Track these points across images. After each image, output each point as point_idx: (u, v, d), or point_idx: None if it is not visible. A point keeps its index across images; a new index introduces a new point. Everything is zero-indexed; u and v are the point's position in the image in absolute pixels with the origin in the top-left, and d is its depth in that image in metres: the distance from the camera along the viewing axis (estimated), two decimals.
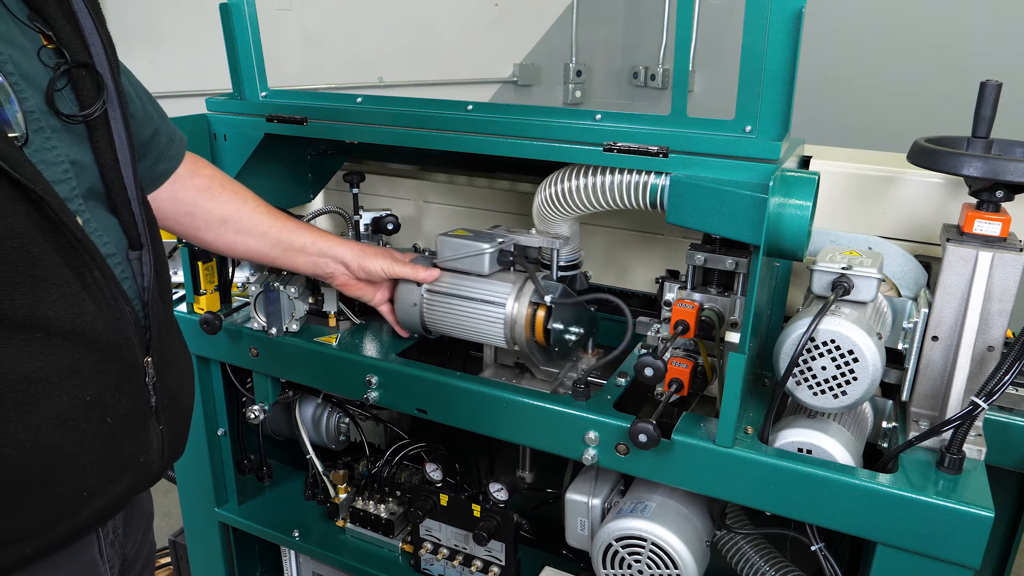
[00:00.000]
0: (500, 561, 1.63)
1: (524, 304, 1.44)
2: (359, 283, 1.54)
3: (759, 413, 1.30)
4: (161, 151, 1.30)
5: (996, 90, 1.23)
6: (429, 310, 1.51)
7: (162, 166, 1.32)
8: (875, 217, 1.46)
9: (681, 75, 1.27)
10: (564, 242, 1.52)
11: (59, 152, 0.92)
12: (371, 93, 1.58)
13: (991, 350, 1.21)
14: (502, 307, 1.44)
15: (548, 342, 1.44)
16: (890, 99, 3.45)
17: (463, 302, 1.48)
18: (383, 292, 1.58)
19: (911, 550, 1.12)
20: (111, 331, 0.95)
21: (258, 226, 1.44)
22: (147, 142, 1.26)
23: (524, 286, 1.45)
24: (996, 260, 1.18)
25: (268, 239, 1.46)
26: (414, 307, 1.52)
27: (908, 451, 1.20)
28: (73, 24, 0.96)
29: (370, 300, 1.58)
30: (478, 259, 1.47)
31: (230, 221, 1.43)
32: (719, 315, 1.37)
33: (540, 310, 1.44)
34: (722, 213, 1.19)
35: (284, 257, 1.48)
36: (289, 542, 1.86)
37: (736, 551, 1.42)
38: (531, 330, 1.44)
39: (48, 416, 0.89)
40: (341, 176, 1.83)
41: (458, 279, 1.49)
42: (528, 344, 1.45)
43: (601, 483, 1.48)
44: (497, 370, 1.60)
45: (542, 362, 1.51)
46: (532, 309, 1.44)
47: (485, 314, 1.46)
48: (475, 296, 1.47)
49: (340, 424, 1.89)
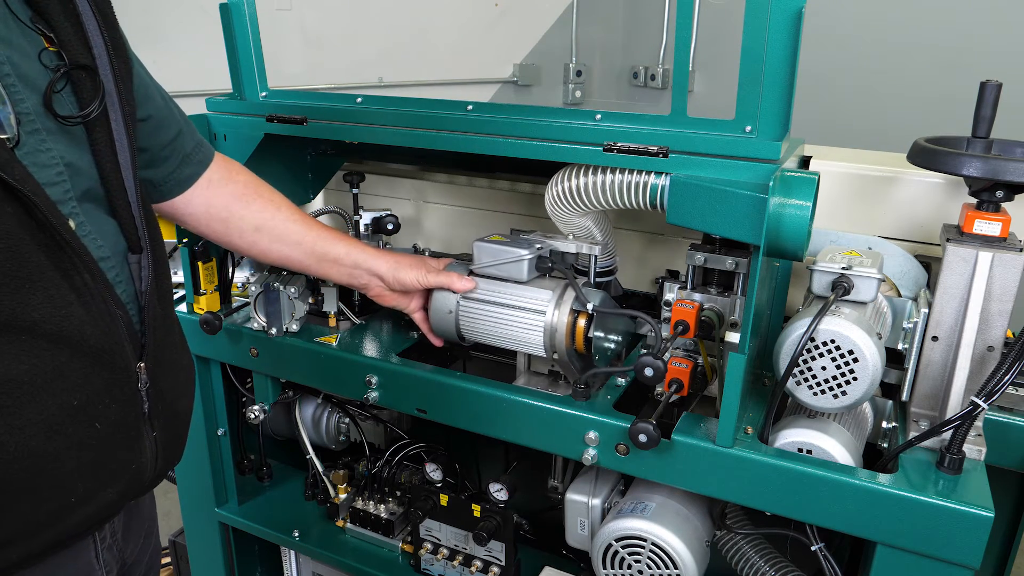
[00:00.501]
0: (500, 561, 1.63)
1: (565, 312, 1.40)
2: (394, 294, 1.52)
3: (759, 413, 1.30)
4: (187, 154, 1.30)
5: (996, 90, 1.23)
6: (465, 317, 1.48)
7: (188, 170, 1.32)
8: (875, 217, 1.46)
9: (681, 75, 1.27)
10: (602, 248, 1.49)
11: (54, 154, 0.91)
12: (371, 93, 1.58)
13: (991, 350, 1.21)
14: (542, 314, 1.40)
15: (588, 350, 1.41)
16: (890, 99, 3.45)
17: (501, 309, 1.44)
18: (417, 301, 1.55)
19: (911, 550, 1.12)
20: (100, 335, 0.94)
21: (292, 235, 1.44)
22: (170, 143, 1.26)
23: (565, 293, 1.41)
24: (996, 260, 1.18)
25: (302, 248, 1.45)
26: (449, 315, 1.48)
27: (908, 451, 1.20)
28: (76, 26, 0.96)
29: (405, 309, 1.56)
30: (517, 265, 1.44)
31: (264, 229, 1.42)
32: (719, 315, 1.37)
33: (581, 318, 1.40)
34: (722, 213, 1.18)
35: (319, 267, 1.48)
36: (289, 542, 1.86)
37: (736, 551, 1.42)
38: (571, 338, 1.41)
39: (32, 420, 0.88)
40: (341, 176, 1.83)
41: (496, 286, 1.46)
42: (568, 352, 1.41)
43: (601, 483, 1.48)
44: (531, 378, 1.57)
45: (580, 370, 1.45)
46: (573, 317, 1.40)
47: (524, 322, 1.42)
48: (514, 303, 1.43)
49: (340, 424, 1.89)
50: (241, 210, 1.40)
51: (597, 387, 1.41)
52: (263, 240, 1.43)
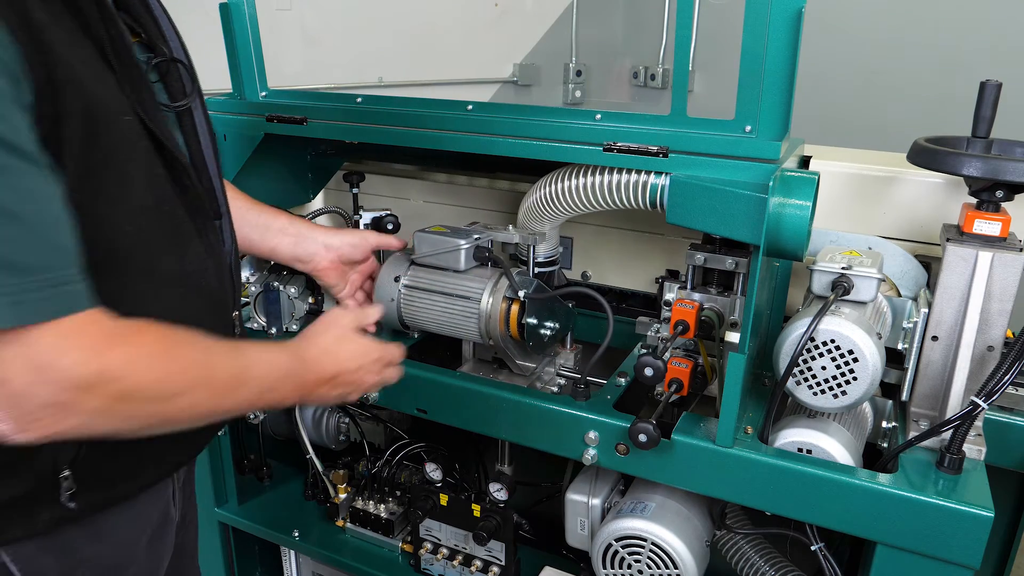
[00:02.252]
0: (500, 561, 1.63)
1: (498, 299, 1.45)
2: (339, 266, 1.54)
3: (759, 413, 1.30)
4: None
5: (996, 90, 1.23)
6: (406, 305, 1.52)
7: None
8: (875, 217, 1.46)
9: (681, 75, 1.27)
10: (541, 238, 1.53)
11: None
12: (371, 93, 1.58)
13: (991, 350, 1.21)
14: (476, 302, 1.45)
15: (523, 336, 1.45)
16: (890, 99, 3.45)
17: (440, 297, 1.49)
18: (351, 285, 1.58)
19: (911, 550, 1.12)
20: (220, 288, 1.08)
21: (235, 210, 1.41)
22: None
23: (498, 281, 1.46)
24: (996, 260, 1.18)
25: (247, 222, 1.45)
26: (391, 302, 1.53)
27: (908, 451, 1.20)
28: (153, 21, 1.03)
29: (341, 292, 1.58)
30: (454, 255, 1.48)
31: None
32: (719, 315, 1.37)
33: (514, 305, 1.45)
34: (722, 213, 1.19)
35: (264, 240, 1.47)
36: (289, 542, 1.86)
37: (736, 551, 1.43)
38: (505, 325, 1.45)
39: None
40: (341, 176, 1.83)
41: (434, 274, 1.51)
42: (503, 339, 1.46)
43: (601, 483, 1.48)
44: (476, 365, 1.60)
45: (518, 356, 1.51)
46: (506, 304, 1.45)
47: (460, 309, 1.47)
48: (450, 291, 1.48)
49: (340, 424, 1.88)
50: None
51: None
52: None
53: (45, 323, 0.75)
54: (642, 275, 1.75)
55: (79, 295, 0.79)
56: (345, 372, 1.16)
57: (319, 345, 1.15)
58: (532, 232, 1.53)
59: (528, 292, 1.44)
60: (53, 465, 0.91)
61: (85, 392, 0.78)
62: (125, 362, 0.81)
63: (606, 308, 1.41)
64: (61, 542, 0.98)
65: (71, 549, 0.99)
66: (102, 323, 0.81)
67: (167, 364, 0.86)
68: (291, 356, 1.08)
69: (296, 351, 1.10)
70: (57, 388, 0.77)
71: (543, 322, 1.47)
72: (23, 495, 0.92)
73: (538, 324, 1.46)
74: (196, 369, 0.90)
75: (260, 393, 1.00)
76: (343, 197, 2.03)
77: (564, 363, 1.61)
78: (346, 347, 1.17)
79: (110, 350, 0.80)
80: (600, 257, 1.79)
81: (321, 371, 1.12)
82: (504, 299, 1.45)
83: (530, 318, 1.44)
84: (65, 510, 0.94)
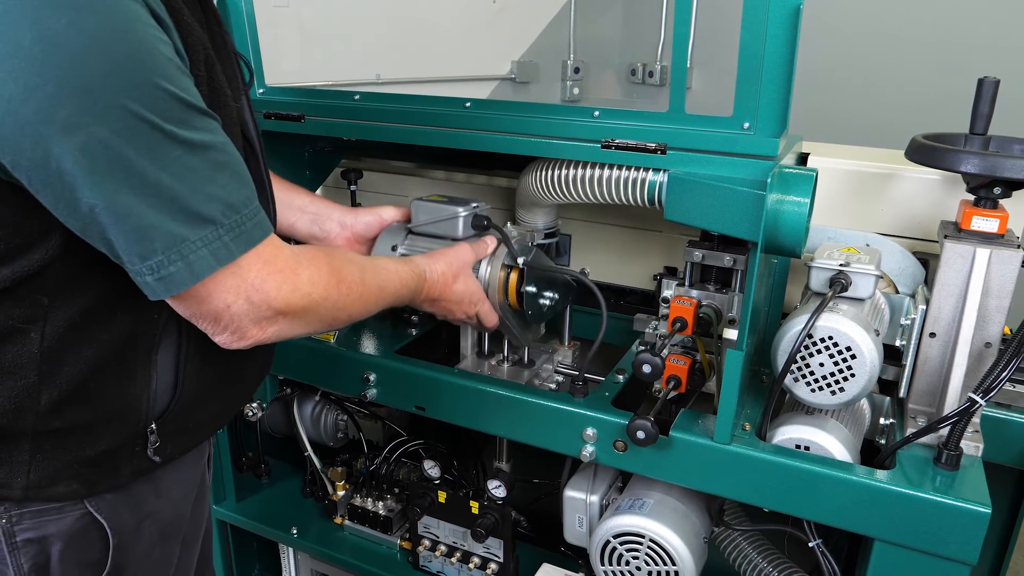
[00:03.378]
0: (498, 558, 1.63)
1: (497, 267, 1.44)
2: (354, 244, 1.57)
3: (757, 410, 1.31)
4: None
5: (994, 87, 1.24)
6: None
7: None
8: (873, 214, 1.46)
9: (679, 72, 1.27)
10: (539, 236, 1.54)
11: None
12: (369, 90, 1.58)
13: (988, 346, 1.21)
14: (476, 271, 1.44)
15: (522, 306, 1.44)
16: (889, 96, 3.45)
17: None
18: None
19: (908, 546, 1.12)
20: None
21: None
22: None
23: (498, 250, 1.46)
24: (993, 256, 1.18)
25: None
26: None
27: (905, 447, 1.20)
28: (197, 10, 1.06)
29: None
30: (452, 223, 1.47)
31: None
32: (717, 312, 1.37)
33: (513, 273, 1.44)
34: (720, 210, 1.18)
35: (283, 216, 1.49)
36: (287, 539, 1.86)
37: (734, 548, 1.43)
38: (504, 293, 1.44)
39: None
40: (339, 173, 1.83)
41: (432, 243, 1.49)
42: (502, 308, 1.45)
43: (599, 480, 1.48)
44: (475, 361, 1.59)
45: (516, 327, 1.50)
46: (505, 272, 1.44)
47: None
48: None
49: (338, 421, 1.88)
50: None
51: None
52: None
53: (252, 250, 0.89)
54: (640, 272, 1.74)
55: (266, 221, 0.93)
56: (447, 300, 1.36)
57: (440, 271, 1.33)
58: (530, 229, 1.53)
59: (527, 259, 1.43)
60: (146, 419, 1.01)
61: (284, 309, 0.94)
62: (310, 282, 0.97)
63: (600, 300, 1.41)
64: (133, 496, 1.04)
65: (140, 503, 1.06)
66: (284, 248, 0.96)
67: (339, 283, 1.03)
68: (417, 276, 1.27)
69: (421, 272, 1.29)
70: (264, 308, 0.92)
71: (542, 291, 1.46)
72: (115, 448, 0.99)
73: (537, 293, 1.45)
74: (357, 286, 1.07)
75: (391, 302, 1.21)
76: (341, 194, 2.03)
77: (562, 360, 1.61)
78: (460, 281, 1.37)
79: (297, 271, 0.96)
80: (598, 254, 1.78)
81: (432, 292, 1.32)
82: (503, 267, 1.44)
83: (529, 286, 1.43)
84: (147, 462, 1.03)
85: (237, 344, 0.95)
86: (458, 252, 1.38)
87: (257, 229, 0.90)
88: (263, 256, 0.91)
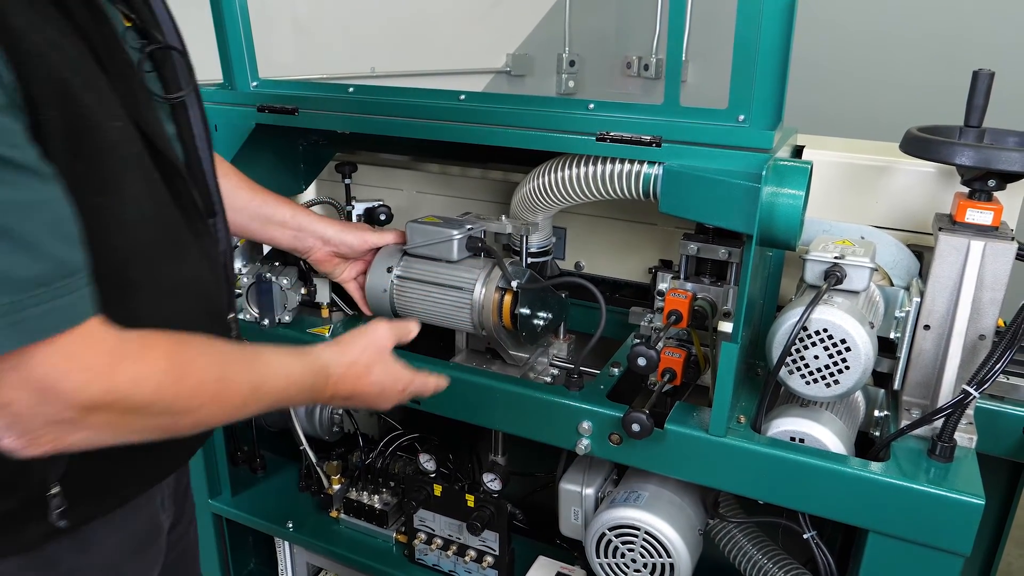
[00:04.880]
0: (494, 551, 1.63)
1: (491, 289, 1.45)
2: (335, 259, 1.55)
3: (752, 402, 1.31)
4: None
5: (989, 79, 1.23)
6: (399, 296, 1.52)
7: None
8: (868, 206, 1.46)
9: (674, 64, 1.27)
10: (534, 228, 1.53)
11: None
12: (363, 83, 1.57)
13: (982, 339, 1.21)
14: (469, 293, 1.45)
15: (516, 327, 1.45)
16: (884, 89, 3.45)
17: (432, 288, 1.49)
18: (352, 269, 1.58)
19: (903, 538, 1.13)
20: (215, 292, 1.04)
21: (238, 200, 1.42)
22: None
23: (491, 272, 1.46)
24: (988, 249, 1.18)
25: (247, 213, 1.44)
26: (384, 293, 1.53)
27: (900, 439, 1.20)
28: (147, 6, 0.98)
29: (341, 277, 1.58)
30: (447, 245, 1.48)
31: None
32: (712, 305, 1.37)
33: (507, 295, 1.45)
34: (715, 202, 1.18)
35: (264, 231, 1.47)
36: (283, 533, 1.86)
37: (729, 539, 1.43)
38: (499, 315, 1.45)
39: None
40: (333, 167, 1.82)
41: (427, 265, 1.50)
42: (496, 329, 1.46)
43: (594, 473, 1.49)
44: (469, 355, 1.60)
45: (511, 347, 1.52)
46: (499, 294, 1.45)
47: (453, 300, 1.47)
48: (443, 282, 1.48)
49: (333, 415, 1.88)
50: None
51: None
52: None
53: (45, 341, 0.71)
54: (635, 265, 1.75)
55: (78, 304, 0.74)
56: (364, 395, 1.12)
57: (349, 362, 1.09)
58: (525, 223, 1.53)
59: (521, 282, 1.44)
60: (43, 482, 0.88)
61: (91, 412, 0.76)
62: (133, 382, 0.78)
63: (598, 298, 1.41)
64: (45, 556, 0.94)
65: (55, 562, 0.95)
66: (106, 338, 0.77)
67: (178, 382, 0.82)
68: (315, 373, 1.03)
69: (322, 367, 1.04)
70: (61, 408, 0.74)
71: (536, 312, 1.47)
72: (12, 511, 0.89)
73: (531, 314, 1.46)
74: (210, 385, 0.86)
75: (272, 404, 0.97)
76: (336, 187, 2.02)
77: (557, 353, 1.61)
78: (376, 371, 1.12)
79: (116, 369, 0.77)
80: (593, 247, 1.78)
81: (341, 389, 1.08)
82: (497, 289, 1.45)
83: (523, 308, 1.44)
84: (54, 527, 0.90)
85: (29, 451, 0.75)
86: (372, 336, 1.15)
87: (52, 316, 0.71)
88: (63, 349, 0.73)
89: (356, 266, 1.59)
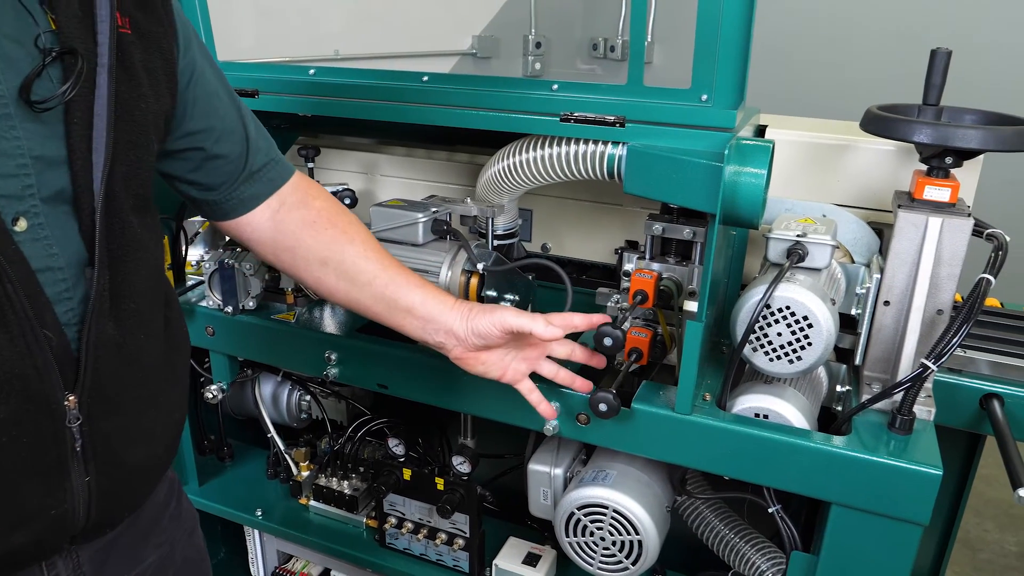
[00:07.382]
0: (464, 533, 1.64)
1: (457, 272, 1.45)
2: (477, 354, 1.21)
3: (717, 380, 1.32)
4: (254, 172, 1.17)
5: (946, 58, 1.25)
6: None
7: (252, 189, 1.17)
8: (829, 185, 1.48)
9: (637, 44, 1.26)
10: (499, 210, 1.53)
11: (20, 144, 0.81)
12: (326, 66, 1.55)
13: (940, 313, 1.24)
14: (436, 276, 1.45)
15: None
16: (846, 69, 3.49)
17: None
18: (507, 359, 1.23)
19: (864, 509, 1.15)
20: (15, 358, 0.81)
21: (362, 274, 1.21)
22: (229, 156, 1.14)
23: (457, 255, 1.46)
24: (945, 225, 1.20)
25: (370, 291, 1.21)
26: None
27: (861, 414, 1.22)
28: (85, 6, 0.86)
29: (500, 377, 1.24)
30: (412, 228, 1.48)
31: (331, 263, 1.20)
32: (677, 284, 1.38)
33: (473, 278, 1.45)
34: (678, 182, 1.19)
35: (390, 316, 1.22)
36: (252, 521, 1.85)
37: (696, 515, 1.45)
38: (465, 298, 1.45)
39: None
40: (296, 150, 1.79)
41: (393, 248, 1.47)
42: None
43: (563, 453, 1.49)
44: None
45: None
46: (466, 277, 1.45)
47: None
48: (409, 265, 1.44)
49: (300, 402, 1.87)
50: (309, 239, 1.20)
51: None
52: (329, 276, 1.21)
53: None
54: (601, 246, 1.75)
55: None
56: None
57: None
58: (491, 205, 1.52)
59: (487, 264, 1.44)
60: None
61: None
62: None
63: (565, 279, 1.41)
64: None
65: None
66: None
67: None
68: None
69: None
70: None
71: (503, 294, 1.47)
72: None
73: (498, 296, 1.46)
74: None
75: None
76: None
77: None
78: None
79: None
80: (560, 229, 1.78)
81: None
82: (463, 272, 1.45)
83: (490, 290, 1.44)
84: None
85: None
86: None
87: None
88: None
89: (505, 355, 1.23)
